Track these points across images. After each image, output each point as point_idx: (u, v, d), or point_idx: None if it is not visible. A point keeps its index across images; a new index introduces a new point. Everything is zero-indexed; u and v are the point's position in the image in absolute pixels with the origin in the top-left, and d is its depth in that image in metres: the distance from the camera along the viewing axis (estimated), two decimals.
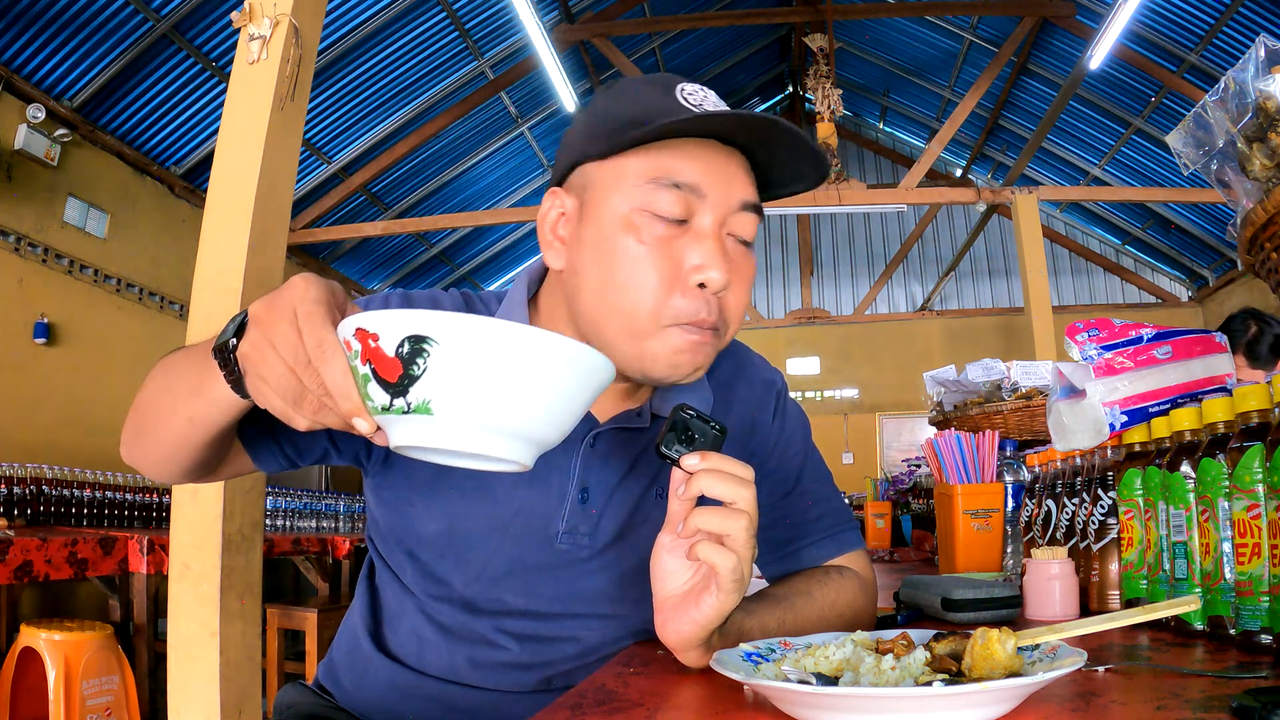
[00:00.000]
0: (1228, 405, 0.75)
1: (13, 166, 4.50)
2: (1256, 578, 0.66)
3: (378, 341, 0.52)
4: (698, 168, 0.76)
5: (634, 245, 0.75)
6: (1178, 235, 8.54)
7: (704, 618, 0.67)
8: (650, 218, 0.75)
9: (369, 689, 0.94)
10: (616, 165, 0.77)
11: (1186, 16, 5.93)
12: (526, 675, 0.89)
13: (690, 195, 0.75)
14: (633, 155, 0.77)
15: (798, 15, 7.67)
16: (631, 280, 0.75)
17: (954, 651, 0.57)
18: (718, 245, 0.76)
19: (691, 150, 0.76)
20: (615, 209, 0.76)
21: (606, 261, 0.77)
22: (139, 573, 2.92)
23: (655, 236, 0.75)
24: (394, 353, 0.52)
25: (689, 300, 0.75)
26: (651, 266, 0.75)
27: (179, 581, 2.24)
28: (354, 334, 0.54)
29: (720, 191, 0.77)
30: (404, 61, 6.21)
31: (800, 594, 0.87)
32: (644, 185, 0.75)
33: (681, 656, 0.71)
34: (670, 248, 0.75)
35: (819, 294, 9.81)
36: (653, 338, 0.76)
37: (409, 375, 0.52)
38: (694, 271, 0.75)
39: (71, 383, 4.85)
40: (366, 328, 0.53)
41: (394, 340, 0.52)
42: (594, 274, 0.78)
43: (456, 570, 0.88)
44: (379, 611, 0.96)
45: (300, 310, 0.57)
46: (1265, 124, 0.74)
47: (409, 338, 0.51)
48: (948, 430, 1.63)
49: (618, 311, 0.76)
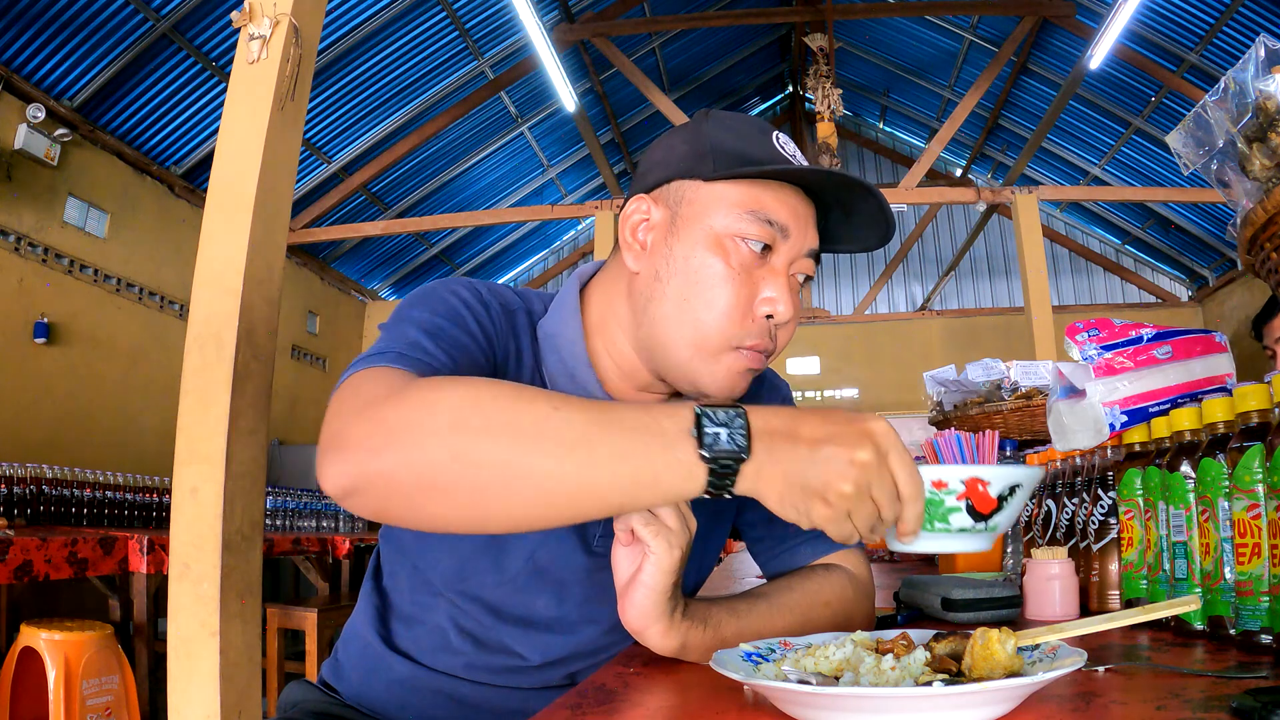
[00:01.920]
0: (1228, 405, 0.75)
1: (13, 166, 4.50)
2: (1256, 578, 0.66)
3: (986, 488, 0.64)
4: (787, 210, 0.82)
5: (721, 266, 0.81)
6: (1178, 235, 8.54)
7: (649, 577, 0.71)
8: (740, 244, 0.81)
9: (378, 685, 0.95)
10: (719, 190, 0.82)
11: (1186, 16, 5.93)
12: (538, 676, 0.91)
13: (776, 233, 0.82)
14: (735, 185, 0.82)
15: (798, 15, 7.67)
16: (714, 297, 0.81)
17: (954, 651, 0.57)
18: (790, 284, 0.83)
19: (784, 194, 0.83)
20: (710, 229, 0.82)
21: (695, 275, 0.82)
22: (139, 572, 2.91)
23: (741, 262, 0.81)
24: (996, 495, 0.65)
25: (756, 326, 0.82)
26: (733, 289, 0.81)
27: (179, 581, 2.23)
28: (964, 482, 0.65)
29: (799, 235, 0.83)
30: (404, 61, 6.21)
31: (781, 588, 0.87)
32: (742, 214, 0.81)
33: (646, 638, 0.73)
34: (751, 275, 0.82)
35: (819, 294, 9.82)
36: (717, 358, 0.82)
37: (999, 509, 0.65)
38: (765, 303, 0.82)
39: (71, 383, 4.85)
40: (981, 477, 0.65)
41: (1001, 488, 0.65)
42: (677, 284, 0.82)
43: (492, 570, 0.88)
44: (388, 609, 0.97)
45: (896, 457, 0.61)
46: (1265, 124, 0.74)
47: (1011, 485, 0.65)
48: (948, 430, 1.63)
49: (693, 324, 0.82)
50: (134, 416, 5.24)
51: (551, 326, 0.90)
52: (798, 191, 0.84)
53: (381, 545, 1.01)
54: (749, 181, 0.82)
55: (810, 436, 0.61)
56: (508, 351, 0.88)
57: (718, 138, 0.84)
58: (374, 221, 7.21)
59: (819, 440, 0.61)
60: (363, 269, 8.47)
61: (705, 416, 0.60)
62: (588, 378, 0.88)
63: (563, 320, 0.90)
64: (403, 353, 0.74)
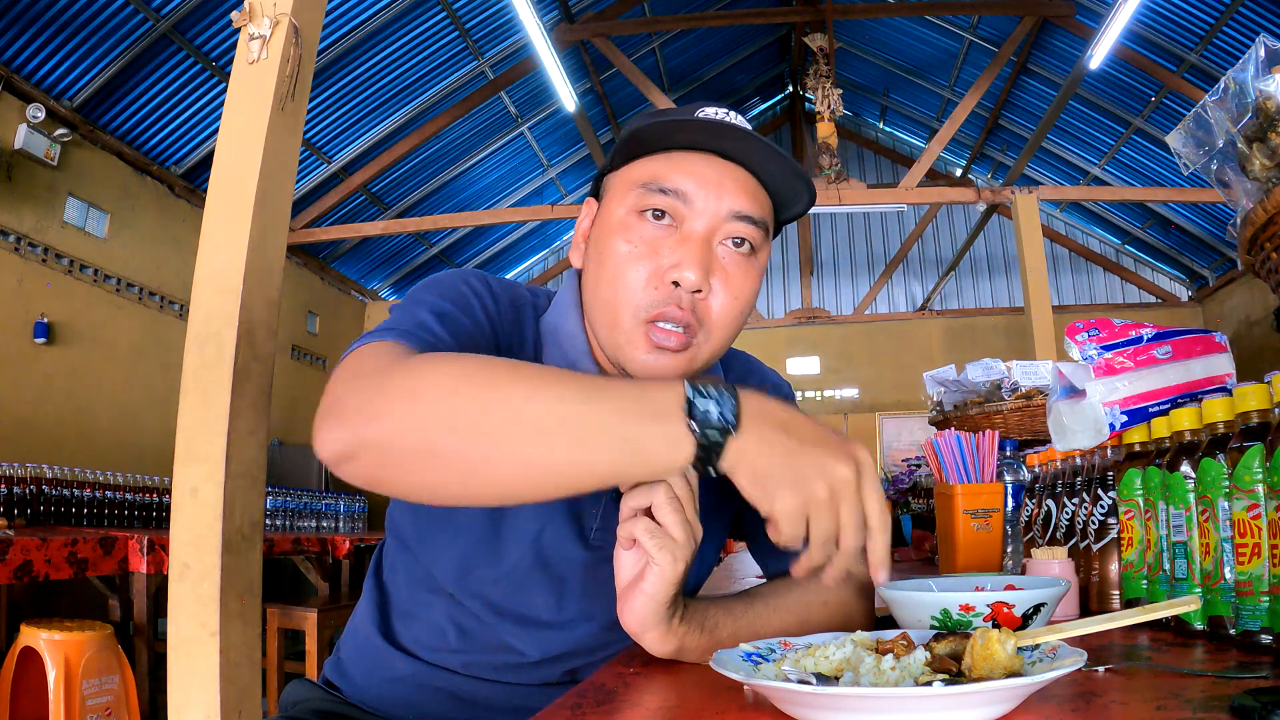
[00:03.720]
0: (1228, 405, 0.75)
1: (13, 166, 4.50)
2: (1256, 578, 0.66)
3: (1010, 609, 0.70)
4: (687, 176, 0.81)
5: (622, 244, 0.81)
6: (1178, 235, 8.53)
7: (651, 587, 0.70)
8: (639, 219, 0.81)
9: (379, 682, 0.95)
10: (624, 174, 0.85)
11: (1186, 16, 5.93)
12: (537, 673, 0.91)
13: (677, 201, 0.80)
14: (636, 164, 0.84)
15: (798, 15, 7.67)
16: (616, 275, 0.81)
17: (954, 651, 0.57)
18: (698, 248, 0.80)
19: (685, 161, 0.81)
20: (615, 213, 0.84)
21: (601, 259, 0.83)
22: (139, 572, 2.92)
23: (642, 238, 0.81)
24: (1021, 615, 0.71)
25: (660, 293, 0.80)
26: (634, 264, 0.81)
27: (179, 581, 2.23)
28: (990, 605, 0.70)
29: (710, 200, 0.81)
30: (404, 61, 6.21)
31: (780, 588, 0.87)
32: (638, 191, 0.82)
33: (644, 641, 0.73)
34: (655, 249, 0.81)
35: (819, 294, 9.81)
36: (629, 333, 0.81)
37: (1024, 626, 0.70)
38: (670, 269, 0.79)
39: (71, 383, 4.84)
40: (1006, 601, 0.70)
41: (1025, 609, 0.71)
42: (592, 270, 0.85)
43: (490, 565, 0.88)
44: (388, 605, 0.97)
45: (871, 487, 0.63)
46: (1265, 124, 0.74)
47: (1035, 605, 0.71)
48: (948, 430, 1.63)
49: (604, 304, 0.83)
50: (134, 416, 5.24)
51: (553, 320, 0.92)
52: (709, 158, 0.82)
53: (386, 539, 1.01)
54: (650, 158, 0.83)
55: (801, 433, 0.63)
56: (512, 341, 0.89)
57: (635, 127, 0.84)
58: (374, 221, 7.21)
59: (808, 440, 0.62)
60: (363, 269, 8.46)
61: (697, 391, 0.62)
62: (589, 369, 0.89)
63: (563, 314, 0.91)
64: (408, 330, 0.76)
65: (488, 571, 0.88)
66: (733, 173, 0.82)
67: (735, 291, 0.82)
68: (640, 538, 0.69)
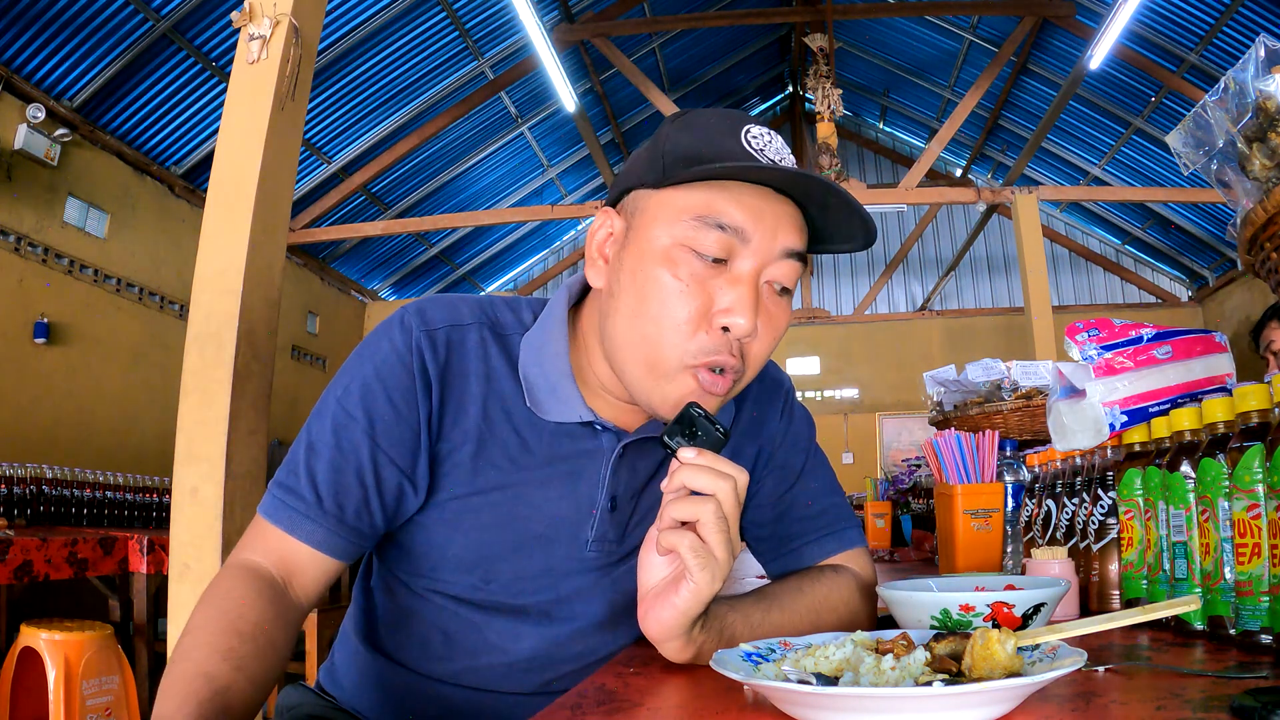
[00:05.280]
0: (1228, 405, 0.74)
1: (13, 166, 4.51)
2: (1256, 578, 0.66)
3: (1010, 610, 0.73)
4: (745, 212, 0.75)
5: (669, 279, 0.75)
6: (1178, 235, 8.54)
7: (684, 603, 0.68)
8: (690, 254, 0.75)
9: (369, 688, 0.95)
10: (667, 197, 0.77)
11: (1186, 16, 5.93)
12: (526, 678, 0.90)
13: (733, 238, 0.75)
14: (684, 189, 0.77)
15: (798, 15, 7.67)
16: (662, 313, 0.75)
17: (954, 651, 0.57)
18: (750, 291, 0.75)
19: (741, 194, 0.75)
20: (658, 240, 0.77)
21: (641, 290, 0.77)
22: (139, 573, 2.92)
23: (692, 274, 0.75)
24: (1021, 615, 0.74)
25: (711, 339, 0.75)
26: (683, 303, 0.75)
27: (179, 581, 2.24)
28: (989, 605, 0.72)
29: (765, 238, 0.76)
30: (404, 61, 6.21)
31: (792, 590, 0.87)
32: (689, 221, 0.75)
33: (663, 648, 0.72)
34: (705, 287, 0.75)
35: (819, 294, 9.82)
36: (670, 379, 0.77)
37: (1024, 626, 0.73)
38: (722, 314, 0.75)
39: (71, 383, 4.85)
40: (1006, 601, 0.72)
41: (1025, 609, 0.73)
42: (628, 300, 0.78)
43: (483, 583, 0.88)
44: (374, 613, 0.96)
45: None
46: (1265, 124, 0.74)
47: (1035, 605, 0.73)
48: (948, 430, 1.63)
49: (644, 342, 0.77)
50: (134, 416, 5.25)
51: (537, 339, 0.87)
52: (762, 190, 0.76)
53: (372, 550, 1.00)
54: (701, 185, 0.76)
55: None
56: (464, 378, 0.84)
57: (674, 140, 0.79)
58: (374, 222, 7.22)
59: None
60: (363, 269, 8.47)
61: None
62: (569, 391, 0.84)
63: (548, 332, 0.87)
64: (280, 498, 0.81)
65: (474, 584, 0.88)
66: (785, 207, 0.78)
67: (775, 331, 0.80)
68: (683, 553, 0.67)
